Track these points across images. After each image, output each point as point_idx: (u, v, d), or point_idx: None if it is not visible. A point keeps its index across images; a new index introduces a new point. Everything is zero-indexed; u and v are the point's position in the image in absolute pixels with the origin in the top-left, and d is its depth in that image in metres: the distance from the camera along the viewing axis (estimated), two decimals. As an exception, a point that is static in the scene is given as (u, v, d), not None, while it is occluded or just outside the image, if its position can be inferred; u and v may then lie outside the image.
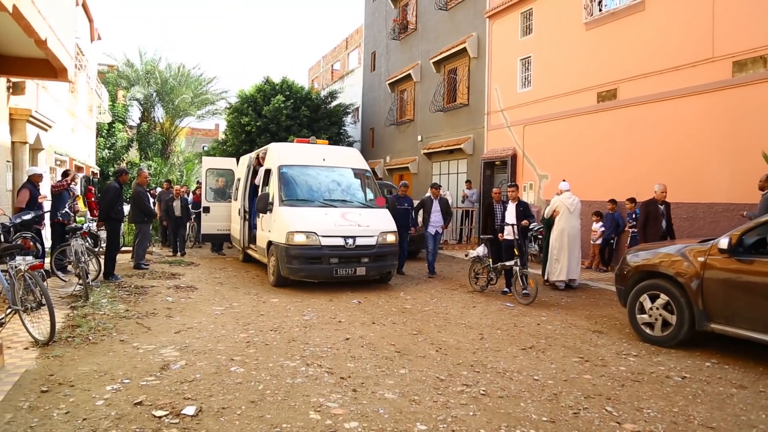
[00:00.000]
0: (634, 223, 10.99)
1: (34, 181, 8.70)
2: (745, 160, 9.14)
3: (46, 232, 9.71)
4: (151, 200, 11.09)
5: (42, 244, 8.51)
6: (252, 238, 10.98)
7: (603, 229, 11.64)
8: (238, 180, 12.22)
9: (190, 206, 14.48)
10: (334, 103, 21.97)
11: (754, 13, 9.25)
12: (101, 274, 8.79)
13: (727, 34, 9.62)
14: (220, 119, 32.10)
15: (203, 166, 13.71)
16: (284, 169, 9.39)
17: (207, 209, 12.94)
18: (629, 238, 11.09)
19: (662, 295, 5.81)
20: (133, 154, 28.38)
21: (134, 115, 29.63)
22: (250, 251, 11.10)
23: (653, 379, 4.71)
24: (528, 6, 14.57)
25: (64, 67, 8.17)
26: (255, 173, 11.26)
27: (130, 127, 29.18)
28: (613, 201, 11.50)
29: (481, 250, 9.23)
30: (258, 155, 11.38)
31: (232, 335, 5.80)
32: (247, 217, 11.21)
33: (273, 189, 9.20)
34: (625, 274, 6.41)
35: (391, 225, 9.01)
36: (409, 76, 20.45)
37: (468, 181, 16.95)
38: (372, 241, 8.54)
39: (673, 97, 10.56)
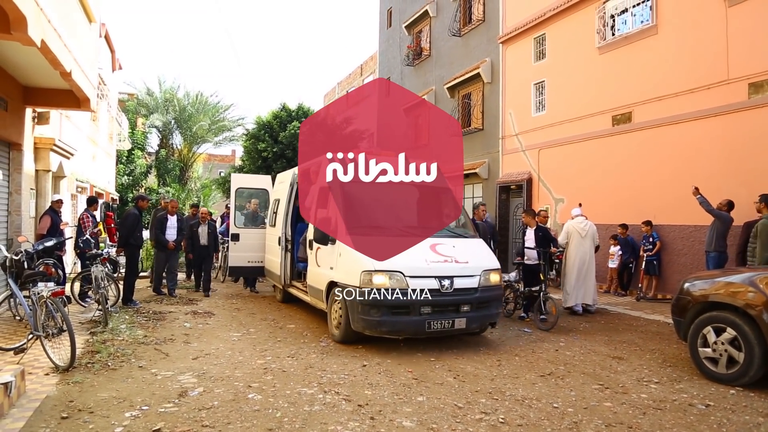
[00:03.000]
0: (651, 247, 10.88)
1: (55, 208, 8.88)
2: (763, 183, 9.02)
3: (68, 258, 9.84)
4: (173, 226, 10.29)
5: (63, 270, 8.64)
6: (296, 275, 9.30)
7: (621, 252, 11.53)
8: (276, 202, 10.04)
9: (221, 233, 12.90)
10: (349, 129, 22.14)
11: (768, 35, 9.24)
12: (120, 300, 8.88)
13: (742, 55, 9.61)
14: (237, 145, 32.56)
15: (232, 184, 11.42)
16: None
17: (236, 237, 10.81)
18: (644, 263, 10.98)
19: (729, 329, 5.32)
20: (152, 180, 28.83)
21: (153, 142, 30.24)
22: (293, 290, 9.08)
23: (676, 407, 4.61)
24: (541, 31, 14.70)
25: (87, 98, 8.41)
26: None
27: (149, 154, 29.70)
28: (623, 225, 11.44)
29: (513, 275, 9.12)
30: (309, 170, 9.27)
31: (249, 362, 5.81)
32: (290, 247, 9.22)
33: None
34: (684, 305, 5.90)
35: (494, 261, 7.11)
36: (423, 102, 20.64)
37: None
38: (473, 283, 6.57)
39: (688, 120, 10.53)
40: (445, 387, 5.06)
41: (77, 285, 9.04)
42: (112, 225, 12.92)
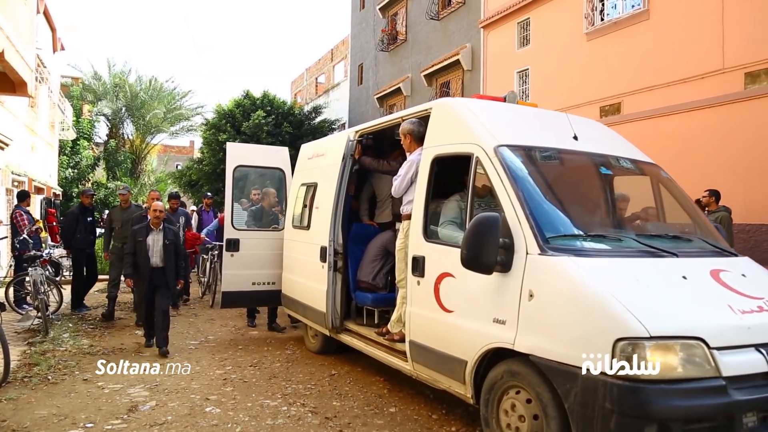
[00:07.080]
0: None
1: (-12, 205, 8.66)
2: (761, 178, 9.26)
3: (2, 260, 9.60)
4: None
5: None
6: (353, 311, 6.29)
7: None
8: (309, 188, 6.78)
9: (208, 235, 10.24)
10: (318, 119, 22.08)
11: (767, 21, 9.45)
12: (61, 306, 8.68)
13: (739, 43, 9.80)
14: (196, 136, 32.21)
15: (228, 159, 7.57)
16: (513, 158, 4.04)
17: (234, 244, 7.26)
18: None
19: None
20: (100, 173, 28.33)
21: (101, 131, 29.79)
22: (351, 339, 5.79)
23: None
24: (525, 16, 14.84)
25: (24, 81, 8.20)
26: (358, 171, 6.30)
27: (97, 145, 29.21)
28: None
29: None
30: (397, 125, 5.39)
31: (207, 372, 5.76)
32: (339, 264, 6.03)
33: (510, 210, 3.71)
34: None
35: None
36: (398, 90, 20.63)
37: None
38: None
39: (681, 111, 10.72)
40: (419, 397, 5.08)
41: (12, 290, 8.82)
42: (54, 223, 12.64)
